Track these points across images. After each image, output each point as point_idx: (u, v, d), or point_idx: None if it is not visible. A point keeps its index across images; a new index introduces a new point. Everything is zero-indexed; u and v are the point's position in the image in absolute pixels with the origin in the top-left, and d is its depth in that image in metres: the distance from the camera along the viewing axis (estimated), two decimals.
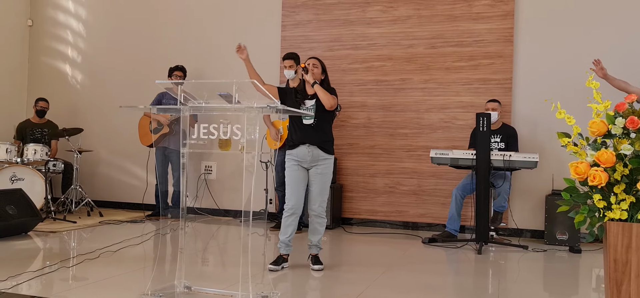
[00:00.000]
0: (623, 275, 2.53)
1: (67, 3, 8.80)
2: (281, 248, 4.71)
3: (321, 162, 4.66)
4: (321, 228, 4.75)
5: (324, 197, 4.71)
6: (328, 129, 4.74)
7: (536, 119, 6.68)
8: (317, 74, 4.72)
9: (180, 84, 3.87)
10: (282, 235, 4.69)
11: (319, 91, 4.61)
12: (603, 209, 2.62)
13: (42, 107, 8.00)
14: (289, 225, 4.67)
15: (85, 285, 4.08)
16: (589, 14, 6.60)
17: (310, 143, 4.62)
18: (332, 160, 4.74)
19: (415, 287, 4.31)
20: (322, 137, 4.66)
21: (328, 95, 4.62)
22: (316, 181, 4.66)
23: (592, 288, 4.61)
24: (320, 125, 4.66)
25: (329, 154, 4.70)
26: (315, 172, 4.66)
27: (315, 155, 4.63)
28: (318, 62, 4.78)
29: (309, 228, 4.80)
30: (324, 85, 4.71)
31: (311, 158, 4.63)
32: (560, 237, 6.06)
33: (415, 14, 7.14)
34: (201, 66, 7.95)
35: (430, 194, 7.07)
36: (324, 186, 4.69)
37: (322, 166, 4.66)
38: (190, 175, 7.88)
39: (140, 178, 8.22)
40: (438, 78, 7.05)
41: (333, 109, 4.70)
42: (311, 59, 4.80)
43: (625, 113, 2.66)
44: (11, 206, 5.81)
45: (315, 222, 4.73)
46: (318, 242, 4.77)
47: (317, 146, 4.64)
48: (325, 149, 4.66)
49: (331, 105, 4.63)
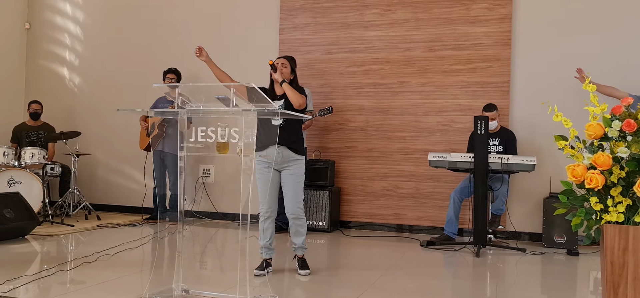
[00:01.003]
0: (620, 277, 2.53)
1: (64, 6, 8.80)
2: (263, 254, 4.64)
3: (292, 163, 4.58)
4: (302, 230, 4.67)
5: (300, 198, 4.61)
6: (297, 130, 4.65)
7: (534, 122, 6.69)
8: (286, 73, 4.66)
9: (177, 87, 3.86)
10: (262, 240, 4.62)
11: (288, 90, 4.55)
12: (600, 212, 2.63)
13: (34, 110, 7.97)
14: (266, 229, 4.61)
15: (83, 288, 4.07)
16: (586, 18, 6.61)
17: (279, 144, 4.50)
18: (302, 160, 4.65)
19: (414, 290, 4.31)
20: (291, 137, 4.57)
21: (296, 93, 4.55)
22: (289, 183, 4.58)
23: (589, 290, 4.62)
24: (290, 125, 4.56)
25: (300, 155, 4.62)
26: (287, 174, 4.59)
27: (285, 156, 4.56)
28: (287, 62, 4.72)
29: (290, 231, 4.73)
30: (293, 85, 4.67)
31: (281, 160, 4.56)
32: (558, 240, 6.07)
33: (413, 17, 7.15)
34: (198, 70, 7.94)
35: (428, 197, 7.07)
36: (298, 187, 4.60)
37: (294, 167, 4.59)
38: (188, 178, 7.87)
39: (138, 181, 8.21)
40: (436, 81, 7.05)
41: (302, 109, 4.61)
42: (280, 59, 4.75)
43: (622, 116, 2.67)
44: (8, 209, 5.81)
45: (296, 225, 4.65)
46: (302, 243, 4.69)
47: (287, 147, 4.55)
48: (295, 150, 4.58)
49: (300, 104, 4.55)
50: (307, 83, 7.20)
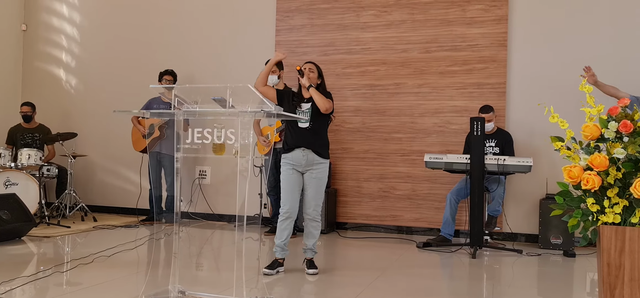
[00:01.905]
0: (616, 278, 2.54)
1: (61, 8, 8.78)
2: (277, 252, 4.71)
3: (316, 166, 4.66)
4: (316, 232, 4.75)
5: (319, 201, 4.71)
6: (323, 133, 4.75)
7: (530, 123, 6.70)
8: (313, 78, 4.72)
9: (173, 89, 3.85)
10: (277, 239, 4.69)
11: (314, 94, 4.62)
12: (596, 213, 2.63)
13: (25, 112, 7.92)
14: (284, 229, 4.67)
15: (79, 290, 4.07)
16: (583, 19, 6.63)
17: (305, 147, 4.62)
18: (327, 164, 4.74)
19: (410, 292, 4.31)
20: (317, 140, 4.66)
21: (323, 98, 4.62)
22: (311, 185, 4.67)
23: (586, 292, 4.62)
24: (316, 129, 4.66)
25: (324, 158, 4.70)
26: (310, 177, 4.67)
27: (310, 159, 4.64)
28: (314, 67, 4.78)
29: (304, 232, 4.81)
30: (320, 90, 4.71)
31: (306, 162, 4.64)
32: (554, 241, 6.08)
33: (409, 19, 7.16)
34: (195, 71, 7.94)
35: (425, 198, 7.08)
36: (319, 190, 4.69)
37: (317, 170, 4.67)
38: (185, 179, 7.87)
39: (134, 183, 8.20)
40: (432, 82, 7.06)
41: (328, 113, 4.70)
42: (307, 63, 4.81)
43: (618, 117, 2.68)
44: (5, 211, 5.80)
45: (310, 226, 4.73)
46: (313, 246, 4.77)
47: (312, 150, 4.64)
48: (320, 153, 4.67)
49: (326, 109, 4.63)
50: None
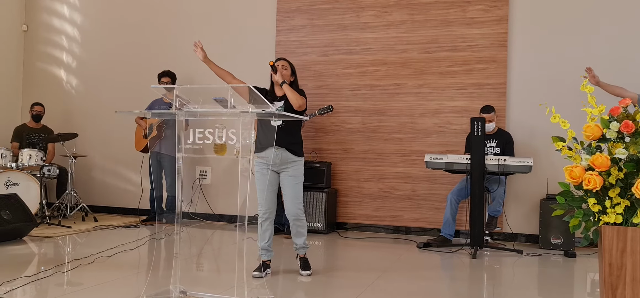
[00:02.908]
0: (618, 279, 2.54)
1: (62, 8, 8.79)
2: (262, 255, 4.65)
3: (290, 164, 4.59)
4: (303, 230, 4.68)
5: (299, 200, 4.62)
6: (296, 131, 4.66)
7: (530, 124, 6.71)
8: (286, 75, 4.67)
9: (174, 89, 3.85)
10: (260, 241, 4.63)
11: (288, 91, 4.56)
12: (598, 213, 2.64)
13: (37, 112, 7.99)
14: (265, 230, 4.62)
15: (80, 290, 4.07)
16: (583, 19, 6.63)
17: (278, 145, 4.52)
18: (301, 162, 4.66)
19: (410, 292, 4.31)
20: (289, 139, 4.58)
21: (297, 95, 4.56)
22: (288, 185, 4.60)
23: (587, 292, 4.63)
24: (289, 127, 4.57)
25: (299, 157, 4.63)
26: (286, 176, 4.60)
27: (284, 157, 4.57)
28: (287, 64, 4.74)
29: (291, 232, 4.73)
30: (293, 87, 4.67)
31: (280, 161, 4.57)
32: (555, 241, 6.08)
33: (409, 19, 7.16)
34: (195, 72, 7.94)
35: (425, 199, 7.08)
36: (297, 188, 4.61)
37: (292, 168, 4.60)
38: (185, 180, 7.87)
39: (134, 183, 8.20)
40: (432, 83, 7.07)
41: (302, 110, 4.62)
42: (280, 60, 4.76)
43: (620, 117, 2.68)
44: (6, 211, 5.80)
45: (296, 226, 4.66)
46: (304, 243, 4.71)
47: (286, 148, 4.56)
48: (293, 151, 4.59)
49: (299, 105, 4.55)
50: (303, 85, 7.19)
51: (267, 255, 4.66)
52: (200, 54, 4.67)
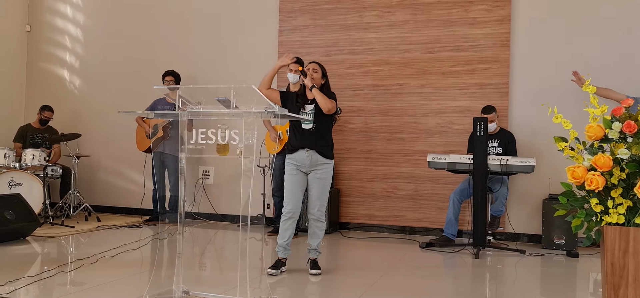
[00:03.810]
0: (620, 279, 2.54)
1: (65, 8, 8.80)
2: (279, 252, 4.72)
3: (320, 166, 4.66)
4: (320, 232, 4.76)
5: (323, 202, 4.71)
6: (327, 134, 4.75)
7: (533, 124, 6.70)
8: (316, 78, 4.71)
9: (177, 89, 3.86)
10: (280, 238, 4.70)
11: (317, 95, 4.62)
12: (600, 213, 2.64)
13: (46, 117, 7.97)
14: (286, 229, 4.68)
15: (83, 289, 4.08)
16: (585, 19, 6.62)
17: (309, 147, 4.63)
18: (331, 164, 4.74)
19: (413, 292, 4.32)
20: (320, 141, 4.66)
21: (326, 99, 4.62)
22: (315, 185, 4.67)
23: (589, 292, 4.63)
24: (319, 129, 4.66)
25: (328, 159, 4.70)
26: (314, 177, 4.67)
27: (314, 159, 4.64)
28: (318, 67, 4.78)
29: (308, 232, 4.82)
30: (324, 90, 4.72)
31: (310, 163, 4.64)
32: (558, 241, 6.08)
33: (412, 19, 7.16)
34: (198, 72, 7.96)
35: (428, 198, 7.08)
36: (323, 190, 4.69)
37: (321, 171, 4.67)
38: (188, 179, 7.87)
39: (137, 183, 8.22)
40: (435, 83, 7.07)
41: (332, 114, 4.71)
42: (312, 64, 4.81)
43: (622, 117, 2.68)
44: (9, 211, 5.81)
45: (315, 226, 4.74)
46: (317, 246, 4.78)
47: (316, 151, 4.64)
48: (324, 154, 4.67)
49: (329, 109, 4.62)
50: None
51: (284, 253, 4.72)
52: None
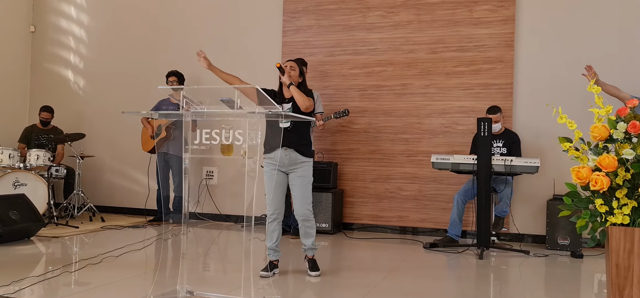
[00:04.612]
0: (625, 280, 2.54)
1: (69, 9, 8.82)
2: (270, 255, 4.67)
3: (299, 165, 4.60)
4: (312, 231, 4.70)
5: (308, 200, 4.64)
6: (305, 132, 4.68)
7: (537, 124, 6.69)
8: (294, 76, 4.68)
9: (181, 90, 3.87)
10: (268, 241, 4.66)
11: (294, 92, 4.57)
12: (605, 214, 2.63)
13: (45, 119, 7.98)
14: (273, 231, 4.64)
15: (88, 290, 4.09)
16: (590, 19, 6.61)
17: (287, 146, 4.55)
18: (310, 163, 4.67)
19: (417, 292, 4.31)
20: (298, 139, 4.60)
21: (303, 96, 4.57)
22: (296, 185, 4.61)
23: (594, 293, 4.61)
24: (297, 128, 4.59)
25: (307, 157, 4.64)
26: (295, 176, 4.61)
27: (292, 158, 4.58)
28: (296, 65, 4.74)
29: (299, 233, 4.75)
30: (301, 88, 4.68)
31: (289, 162, 4.58)
32: (562, 242, 6.07)
33: (416, 19, 7.16)
34: (202, 72, 7.96)
35: (431, 199, 7.07)
36: (306, 189, 4.63)
37: (301, 169, 4.61)
38: (192, 180, 7.89)
39: (141, 183, 8.23)
40: (439, 83, 7.06)
41: (309, 111, 4.62)
42: (289, 61, 4.78)
43: (627, 118, 2.68)
44: (14, 211, 5.83)
45: (305, 227, 4.68)
46: (312, 244, 4.73)
47: (294, 149, 4.58)
48: (302, 152, 4.61)
49: (306, 107, 4.56)
50: (310, 85, 7.20)
51: (275, 255, 4.68)
52: (204, 63, 4.65)
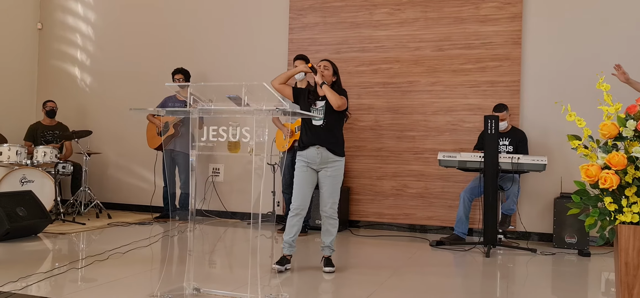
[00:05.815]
0: (634, 278, 2.52)
1: (76, 6, 8.84)
2: (285, 249, 4.71)
3: (330, 164, 4.66)
4: (333, 230, 4.75)
5: (335, 199, 4.71)
6: (338, 131, 4.74)
7: (544, 122, 6.67)
8: (327, 75, 4.72)
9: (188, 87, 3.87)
10: (286, 235, 4.70)
11: (327, 91, 4.62)
12: (614, 212, 2.62)
13: (51, 107, 8.04)
14: (293, 225, 4.68)
15: (95, 286, 4.10)
16: (597, 16, 6.58)
17: (319, 144, 4.62)
18: (342, 162, 4.73)
19: (423, 290, 4.31)
20: (331, 138, 4.66)
21: (336, 95, 4.61)
22: (326, 183, 4.67)
23: (601, 292, 4.60)
24: (330, 126, 4.66)
25: (339, 156, 4.69)
26: (325, 174, 4.67)
27: (324, 157, 4.64)
28: (329, 64, 4.78)
29: (321, 229, 4.81)
30: (335, 87, 4.71)
31: (320, 160, 4.64)
32: (569, 240, 6.05)
33: (423, 17, 7.14)
34: (208, 69, 7.98)
35: (438, 197, 7.06)
36: (335, 188, 4.69)
37: (332, 168, 4.66)
38: (198, 177, 7.89)
39: (148, 180, 8.25)
40: (445, 80, 7.04)
41: (343, 110, 4.70)
42: (323, 61, 4.81)
43: (637, 115, 2.66)
44: (21, 208, 5.85)
45: (327, 224, 4.74)
46: (331, 243, 4.77)
47: (326, 148, 4.64)
48: (334, 151, 4.66)
49: (339, 106, 4.62)
50: None
51: (290, 250, 4.72)
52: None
